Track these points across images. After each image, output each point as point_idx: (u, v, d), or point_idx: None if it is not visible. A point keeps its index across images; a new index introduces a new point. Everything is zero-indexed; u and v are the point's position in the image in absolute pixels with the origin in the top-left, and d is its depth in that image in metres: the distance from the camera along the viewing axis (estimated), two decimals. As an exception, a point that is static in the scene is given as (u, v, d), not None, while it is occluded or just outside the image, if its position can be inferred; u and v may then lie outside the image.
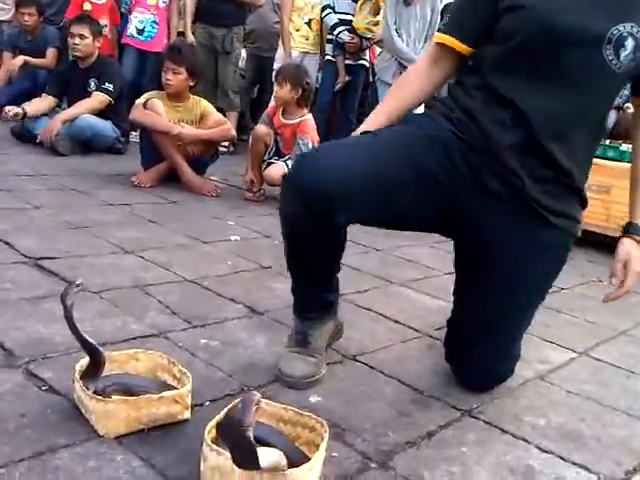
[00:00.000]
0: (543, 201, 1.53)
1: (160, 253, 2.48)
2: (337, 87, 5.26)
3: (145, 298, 2.02)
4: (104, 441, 1.26)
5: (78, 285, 1.28)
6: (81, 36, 4.27)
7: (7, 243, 2.34)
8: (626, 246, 1.57)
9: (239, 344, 1.79)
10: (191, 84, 3.70)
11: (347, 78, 5.23)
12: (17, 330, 1.67)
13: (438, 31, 1.63)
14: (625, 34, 1.41)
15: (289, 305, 1.73)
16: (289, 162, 3.59)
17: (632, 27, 1.42)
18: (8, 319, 1.73)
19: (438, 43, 1.60)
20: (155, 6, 5.27)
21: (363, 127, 1.61)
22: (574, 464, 1.42)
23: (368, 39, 5.20)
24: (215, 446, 1.13)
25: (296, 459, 1.19)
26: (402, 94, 1.63)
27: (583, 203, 1.62)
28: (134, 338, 1.73)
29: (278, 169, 3.57)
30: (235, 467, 1.05)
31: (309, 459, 1.16)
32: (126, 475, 1.17)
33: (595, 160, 3.80)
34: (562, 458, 1.44)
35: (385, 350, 1.87)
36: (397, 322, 2.10)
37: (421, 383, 1.70)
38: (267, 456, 1.08)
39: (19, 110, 4.28)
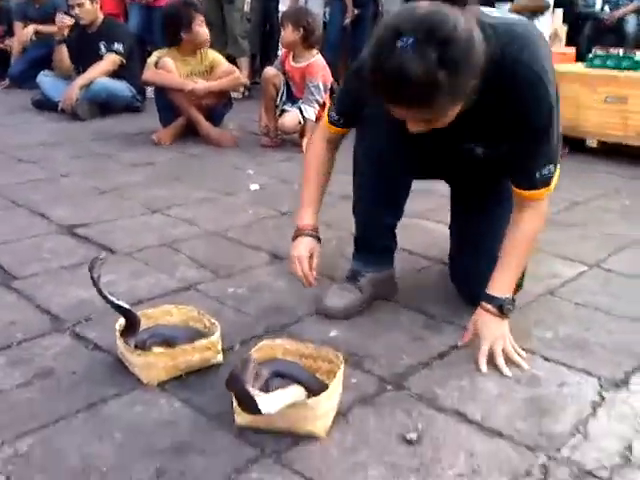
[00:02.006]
0: None
1: (185, 209, 2.62)
2: (346, 22, 5.19)
3: (174, 254, 2.17)
4: (148, 389, 1.42)
5: (101, 259, 1.42)
6: (79, 5, 4.31)
7: (42, 215, 2.50)
8: (476, 315, 1.60)
9: (264, 289, 1.92)
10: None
11: (356, 11, 5.16)
12: (61, 297, 1.83)
13: (329, 121, 1.74)
14: (472, 146, 1.57)
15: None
16: (302, 107, 3.63)
17: (475, 145, 1.56)
18: (52, 287, 1.90)
19: (333, 131, 1.75)
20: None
21: (300, 215, 1.79)
22: (578, 370, 1.53)
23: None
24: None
25: (317, 388, 1.33)
26: (319, 181, 1.80)
27: None
28: (167, 294, 1.88)
29: (293, 118, 3.63)
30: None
31: (328, 387, 1.30)
32: (169, 416, 1.34)
33: (610, 72, 3.76)
34: (566, 365, 1.55)
35: (401, 280, 1.97)
36: (412, 253, 2.21)
37: (435, 309, 1.82)
38: (286, 395, 1.22)
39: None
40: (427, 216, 2.57)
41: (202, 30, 3.74)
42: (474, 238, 1.82)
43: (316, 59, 3.64)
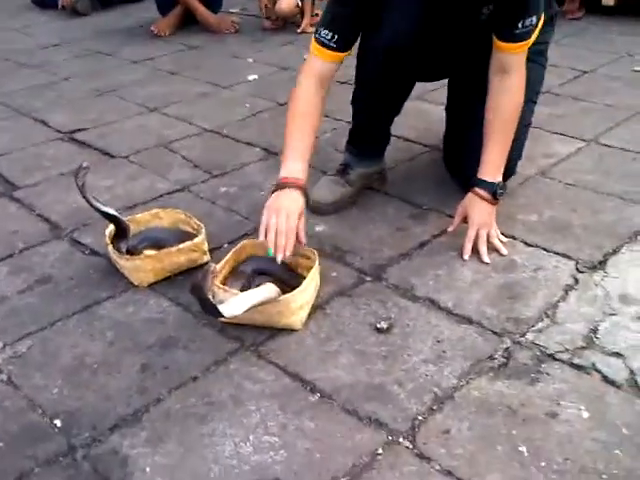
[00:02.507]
0: None
1: (182, 107, 2.61)
2: None
3: (169, 156, 2.19)
4: (138, 290, 1.51)
5: (85, 167, 1.45)
6: None
7: (43, 121, 2.53)
8: (467, 199, 1.60)
9: (255, 187, 1.95)
10: None
11: None
12: (60, 204, 1.90)
13: (319, 43, 1.54)
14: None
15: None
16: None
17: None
18: (51, 195, 1.96)
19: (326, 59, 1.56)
20: None
21: (287, 165, 1.50)
22: (556, 254, 1.55)
23: None
24: (221, 285, 1.34)
25: (296, 283, 1.39)
26: (307, 130, 1.54)
27: None
28: (161, 196, 1.93)
29: (289, 0, 3.47)
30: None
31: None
32: (158, 315, 1.43)
33: None
34: (545, 250, 1.57)
35: (392, 171, 1.98)
36: (406, 140, 2.19)
37: (423, 198, 1.83)
38: (255, 296, 1.28)
39: None
40: (427, 98, 2.51)
41: None
42: (469, 115, 1.78)
43: None
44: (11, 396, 1.23)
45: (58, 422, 1.17)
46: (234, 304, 1.24)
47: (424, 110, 2.43)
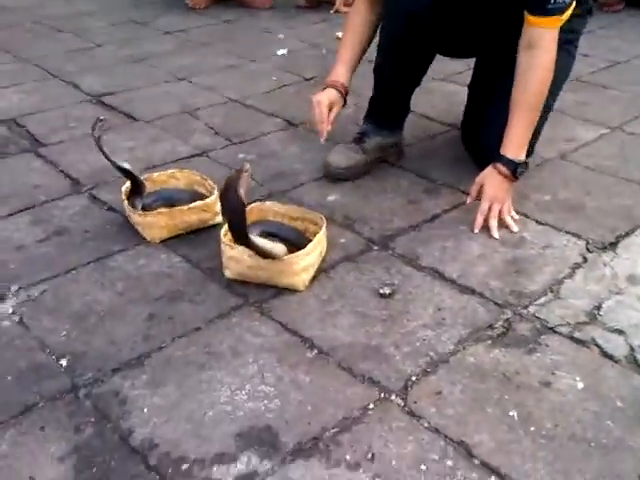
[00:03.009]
0: None
1: (210, 77, 2.64)
2: None
3: (193, 122, 2.23)
4: (151, 245, 1.54)
5: (102, 120, 1.48)
6: None
7: (73, 84, 2.59)
8: (485, 172, 1.60)
9: (273, 156, 1.97)
10: None
11: None
12: (82, 162, 1.95)
13: None
14: None
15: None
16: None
17: None
18: (75, 154, 2.01)
19: None
20: None
21: (333, 70, 1.81)
22: (567, 233, 1.54)
23: None
24: (229, 242, 1.37)
25: (302, 244, 1.41)
26: (357, 40, 1.80)
27: None
28: (180, 159, 1.96)
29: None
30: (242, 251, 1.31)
31: (313, 245, 1.38)
32: (168, 269, 1.46)
33: None
34: (556, 228, 1.56)
35: (410, 147, 1.98)
36: (428, 118, 2.19)
37: (438, 174, 1.83)
38: (270, 243, 1.31)
39: None
40: (453, 79, 2.50)
41: None
42: (491, 88, 1.78)
43: None
44: (22, 336, 1.28)
45: (64, 362, 1.21)
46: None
47: (449, 91, 2.42)
